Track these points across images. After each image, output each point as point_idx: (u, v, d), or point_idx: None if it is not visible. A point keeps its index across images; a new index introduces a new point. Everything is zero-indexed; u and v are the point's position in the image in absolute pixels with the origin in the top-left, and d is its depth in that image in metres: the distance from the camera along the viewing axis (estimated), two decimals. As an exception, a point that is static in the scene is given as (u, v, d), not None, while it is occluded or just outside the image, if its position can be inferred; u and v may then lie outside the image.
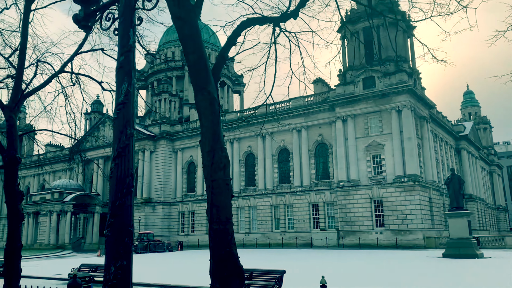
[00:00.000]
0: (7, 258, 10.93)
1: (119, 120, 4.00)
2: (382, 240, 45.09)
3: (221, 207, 7.11)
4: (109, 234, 3.84)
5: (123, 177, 3.93)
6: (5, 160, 11.17)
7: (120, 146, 3.90)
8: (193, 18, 7.39)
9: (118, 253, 3.71)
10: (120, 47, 4.10)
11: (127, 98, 4.00)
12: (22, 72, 11.89)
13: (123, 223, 3.85)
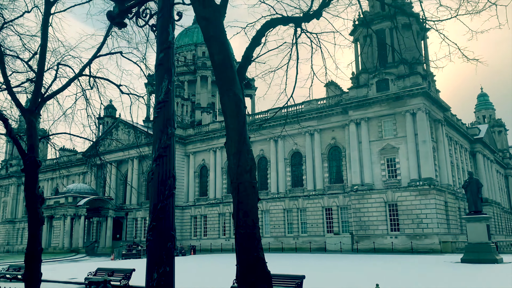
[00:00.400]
0: (27, 262, 10.89)
1: (159, 119, 3.85)
2: (397, 244, 44.45)
3: (248, 210, 6.94)
4: (151, 239, 3.68)
5: (164, 179, 3.77)
6: (26, 163, 11.15)
7: (161, 146, 3.75)
8: (218, 18, 7.26)
9: (161, 259, 3.55)
10: (159, 44, 3.96)
11: (167, 96, 3.86)
12: (42, 76, 11.89)
13: (165, 227, 3.69)
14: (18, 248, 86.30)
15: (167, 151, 3.77)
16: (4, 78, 11.41)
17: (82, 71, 13.10)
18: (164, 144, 3.74)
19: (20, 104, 11.51)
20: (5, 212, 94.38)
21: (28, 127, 11.30)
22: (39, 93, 11.73)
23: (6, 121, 11.24)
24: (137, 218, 66.56)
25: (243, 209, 6.98)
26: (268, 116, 59.82)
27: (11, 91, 11.47)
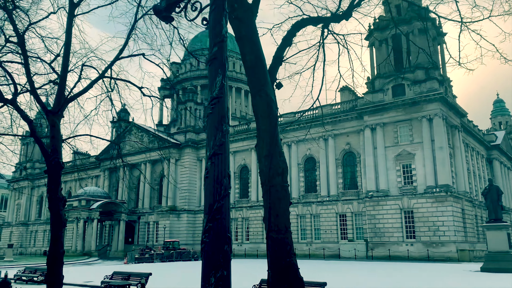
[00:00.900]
0: (50, 264, 10.79)
1: (213, 116, 3.66)
2: (413, 252, 43.72)
3: (280, 214, 6.73)
4: (207, 240, 3.47)
5: (220, 178, 3.57)
6: (49, 165, 11.08)
7: (216, 144, 3.55)
8: (250, 17, 7.09)
9: (218, 262, 3.34)
10: (212, 37, 3.79)
11: (221, 91, 3.68)
12: (65, 77, 11.85)
13: (221, 228, 3.49)
14: (31, 250, 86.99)
15: (222, 149, 3.58)
16: (28, 80, 11.38)
17: (105, 72, 13.05)
18: (219, 141, 3.55)
19: (44, 106, 11.47)
20: (18, 215, 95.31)
21: (51, 129, 11.24)
22: (62, 95, 11.67)
23: (31, 122, 11.20)
24: (149, 222, 66.63)
25: (275, 213, 6.77)
26: (282, 121, 59.55)
27: (35, 93, 11.44)
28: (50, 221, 11.20)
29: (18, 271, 25.90)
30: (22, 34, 11.53)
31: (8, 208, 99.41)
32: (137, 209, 69.31)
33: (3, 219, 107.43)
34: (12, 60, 13.75)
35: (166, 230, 61.51)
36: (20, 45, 11.51)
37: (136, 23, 13.72)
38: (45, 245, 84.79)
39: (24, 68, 11.53)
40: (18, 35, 11.51)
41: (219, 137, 3.56)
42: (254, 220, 59.01)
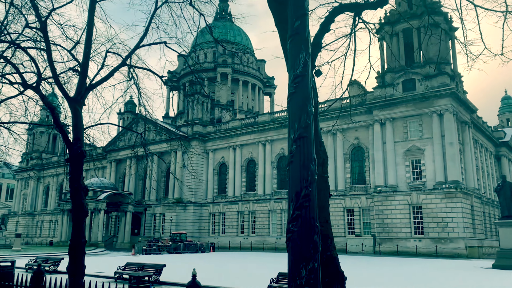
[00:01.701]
0: (72, 254, 10.63)
1: (297, 96, 3.43)
2: (421, 248, 43.53)
3: (321, 206, 6.51)
4: (295, 230, 3.25)
5: (306, 163, 3.34)
6: (72, 154, 10.89)
7: (301, 126, 3.33)
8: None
9: (308, 253, 3.12)
10: (293, 11, 3.55)
11: (305, 69, 3.44)
12: (87, 64, 11.63)
13: (310, 217, 3.27)
14: (37, 240, 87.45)
15: (308, 131, 3.35)
16: (50, 67, 11.18)
17: (126, 60, 12.81)
18: (305, 123, 3.32)
19: (66, 93, 11.27)
20: (24, 205, 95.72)
21: (74, 116, 11.05)
22: (84, 82, 11.47)
23: (54, 109, 11.01)
24: (156, 213, 66.68)
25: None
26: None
27: (57, 80, 11.25)
28: (72, 210, 11.05)
29: (29, 261, 25.89)
30: (44, 19, 11.31)
31: (14, 198, 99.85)
32: (144, 200, 69.39)
33: (9, 209, 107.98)
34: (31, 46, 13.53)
35: (172, 222, 61.56)
36: (42, 31, 11.29)
37: (156, 11, 13.49)
38: (51, 235, 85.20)
39: (46, 54, 11.31)
40: (40, 21, 11.29)
41: (304, 118, 3.32)
42: (261, 214, 58.92)
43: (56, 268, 23.70)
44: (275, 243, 55.39)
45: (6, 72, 12.57)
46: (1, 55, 11.55)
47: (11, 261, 17.71)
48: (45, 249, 52.92)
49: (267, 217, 58.30)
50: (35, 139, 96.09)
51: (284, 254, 14.88)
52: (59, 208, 75.15)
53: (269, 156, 60.23)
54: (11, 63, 11.38)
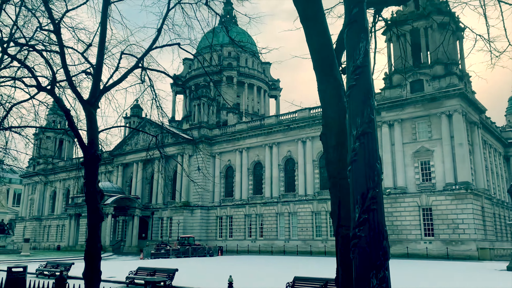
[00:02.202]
0: (87, 260, 10.46)
1: (358, 89, 3.21)
2: (432, 250, 43.08)
3: (350, 210, 6.27)
4: (362, 235, 3.03)
5: (372, 161, 3.12)
6: (87, 157, 10.74)
7: (364, 121, 3.11)
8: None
9: (378, 260, 2.90)
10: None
11: (366, 60, 3.23)
12: (101, 66, 11.49)
13: (378, 220, 3.05)
14: (44, 245, 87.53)
15: (372, 127, 3.14)
16: (64, 70, 11.05)
17: (139, 62, 12.68)
18: (368, 118, 3.10)
19: (81, 96, 11.13)
20: (32, 209, 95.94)
21: (88, 120, 10.90)
22: (98, 84, 11.32)
23: (68, 112, 10.85)
24: (163, 217, 66.54)
25: (345, 208, 6.30)
26: (296, 117, 59.05)
27: (71, 82, 11.10)
28: (87, 215, 10.89)
29: (40, 266, 25.76)
30: (58, 22, 11.17)
31: (22, 203, 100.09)
32: (151, 204, 69.28)
33: (16, 214, 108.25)
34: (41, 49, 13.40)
35: (180, 225, 61.35)
36: (56, 33, 11.16)
37: (169, 12, 13.35)
38: (58, 240, 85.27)
39: (60, 57, 11.17)
40: (54, 23, 11.16)
41: (368, 112, 3.11)
42: (268, 217, 58.62)
43: (67, 273, 23.50)
44: (283, 246, 55.09)
45: (19, 76, 12.44)
46: (15, 57, 11.40)
47: (23, 267, 17.53)
48: (53, 254, 52.88)
49: (274, 220, 57.99)
50: (42, 144, 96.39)
51: (291, 258, 14.83)
52: (66, 213, 75.22)
53: (275, 159, 59.99)
54: (26, 66, 11.26)
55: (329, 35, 6.63)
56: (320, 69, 6.58)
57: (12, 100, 13.96)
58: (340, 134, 6.52)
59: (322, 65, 6.55)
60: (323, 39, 6.53)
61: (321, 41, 6.53)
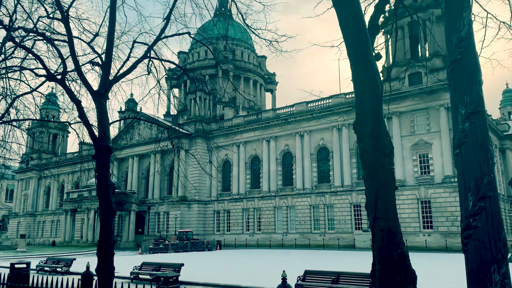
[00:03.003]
0: (100, 255, 10.15)
1: (464, 63, 2.93)
2: (431, 242, 43.23)
3: (388, 201, 6.03)
4: (477, 226, 2.77)
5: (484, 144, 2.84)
6: (98, 150, 10.39)
7: (474, 98, 2.84)
8: (350, -22, 6.36)
9: (499, 253, 2.64)
10: None
11: (470, 32, 2.95)
12: (111, 55, 11.10)
13: (495, 209, 2.78)
14: (39, 241, 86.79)
15: (482, 105, 2.86)
16: (73, 59, 10.64)
17: (148, 52, 12.28)
18: (477, 95, 2.83)
19: (90, 86, 10.75)
20: (26, 205, 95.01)
21: (99, 111, 10.53)
22: (108, 75, 10.94)
23: (79, 103, 10.49)
24: (160, 212, 66.16)
25: (382, 199, 6.06)
26: (294, 110, 58.80)
27: (80, 72, 10.71)
28: (99, 209, 10.56)
29: (40, 262, 25.37)
30: (66, 10, 10.75)
31: (15, 199, 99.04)
32: (147, 199, 68.86)
33: (9, 210, 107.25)
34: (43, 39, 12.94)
35: (177, 220, 61.04)
36: (63, 21, 10.74)
37: (177, 1, 12.97)
38: (53, 236, 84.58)
39: (69, 46, 10.77)
40: (62, 11, 10.74)
41: (476, 89, 2.83)
42: (266, 211, 58.48)
43: (68, 269, 23.18)
44: (281, 240, 55.03)
45: (24, 66, 12.01)
46: (22, 45, 10.96)
47: (26, 263, 17.19)
48: (50, 250, 52.38)
49: (272, 214, 57.87)
50: (35, 139, 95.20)
51: (290, 251, 14.43)
52: (62, 209, 74.59)
53: (273, 153, 59.77)
54: (34, 55, 10.84)
55: (363, 19, 6.35)
56: (355, 54, 6.30)
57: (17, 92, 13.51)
58: (376, 122, 6.26)
59: (357, 50, 6.27)
60: (357, 24, 6.25)
61: (356, 25, 6.25)
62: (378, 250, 6.01)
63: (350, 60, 6.40)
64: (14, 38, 10.65)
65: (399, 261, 5.82)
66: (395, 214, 6.18)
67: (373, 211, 6.14)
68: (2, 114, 13.92)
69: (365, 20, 6.45)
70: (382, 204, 6.02)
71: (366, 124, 6.26)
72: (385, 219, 6.02)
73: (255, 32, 10.74)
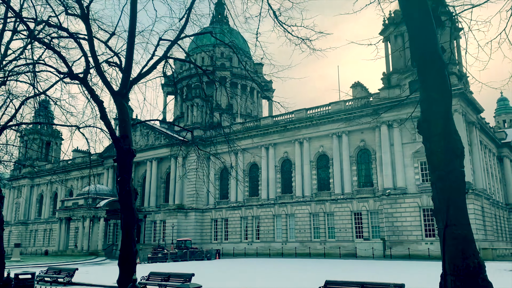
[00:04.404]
0: (122, 265, 9.50)
1: None
2: (434, 251, 42.72)
3: (460, 206, 5.54)
4: None
5: None
6: (120, 152, 9.78)
7: None
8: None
9: None
10: None
11: None
12: (132, 55, 10.55)
13: None
14: (31, 250, 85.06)
15: None
16: (93, 58, 10.08)
17: (167, 52, 11.78)
18: None
19: (111, 87, 10.18)
20: (17, 214, 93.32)
21: (120, 112, 9.96)
22: (129, 74, 10.38)
23: (101, 103, 9.90)
24: (156, 220, 65.14)
25: (454, 204, 5.56)
26: (293, 117, 58.43)
27: (100, 72, 10.14)
28: (121, 215, 9.92)
29: (40, 272, 24.45)
30: (87, 6, 10.20)
31: (7, 207, 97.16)
32: (143, 207, 67.77)
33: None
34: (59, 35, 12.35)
35: (174, 229, 60.06)
36: (83, 18, 10.17)
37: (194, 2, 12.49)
38: (45, 245, 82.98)
39: (88, 44, 10.20)
40: (81, 8, 10.18)
41: None
42: (265, 219, 57.78)
43: (71, 280, 22.35)
44: (281, 249, 54.28)
45: (43, 63, 11.38)
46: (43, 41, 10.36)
47: (31, 273, 16.46)
48: (44, 259, 51.11)
49: (271, 222, 57.18)
50: (28, 147, 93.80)
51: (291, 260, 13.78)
52: (55, 217, 73.21)
53: (272, 160, 59.24)
54: (57, 53, 10.23)
55: (430, 12, 5.88)
56: (423, 47, 5.86)
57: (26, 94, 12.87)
58: (446, 120, 5.77)
59: (424, 44, 5.82)
60: (424, 17, 5.80)
61: (422, 19, 5.80)
62: (450, 259, 5.49)
63: (413, 53, 5.92)
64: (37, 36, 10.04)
65: (476, 272, 5.32)
66: (468, 221, 5.69)
67: (445, 217, 5.63)
68: (10, 117, 13.23)
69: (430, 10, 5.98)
70: (455, 209, 5.52)
71: (436, 122, 5.76)
72: (458, 226, 5.52)
73: (287, 30, 10.28)
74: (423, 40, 5.76)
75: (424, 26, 5.78)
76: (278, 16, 10.18)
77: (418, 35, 5.82)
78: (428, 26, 5.76)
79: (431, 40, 5.71)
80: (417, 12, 5.81)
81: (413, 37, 5.88)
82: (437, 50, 5.76)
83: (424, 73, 5.83)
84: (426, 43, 5.76)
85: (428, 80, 5.74)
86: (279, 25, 10.06)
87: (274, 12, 10.21)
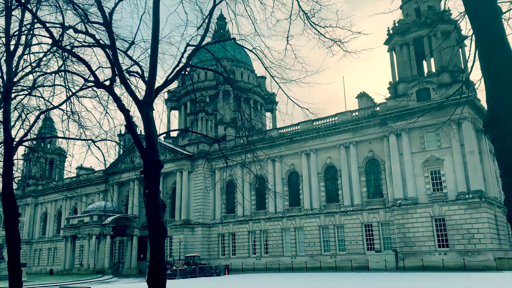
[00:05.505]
0: (151, 284, 8.98)
1: None
2: (448, 261, 41.94)
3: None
4: None
5: None
6: (147, 164, 9.35)
7: None
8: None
9: None
10: None
11: None
12: (155, 63, 10.19)
13: None
14: (35, 269, 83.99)
15: None
16: (117, 67, 9.72)
17: (189, 60, 11.44)
18: None
19: (136, 96, 9.80)
20: (21, 233, 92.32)
21: (146, 122, 9.56)
22: (153, 83, 10.01)
23: (128, 112, 9.51)
24: (162, 237, 64.27)
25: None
26: (299, 129, 58.09)
27: (125, 81, 9.77)
28: (148, 230, 9.47)
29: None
30: (110, 13, 9.88)
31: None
32: (149, 223, 67.01)
33: (3, 238, 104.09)
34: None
35: (181, 244, 59.22)
36: (106, 26, 9.85)
37: (215, 7, 12.19)
38: (50, 264, 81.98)
39: (111, 52, 9.85)
40: (104, 15, 9.87)
41: None
42: (273, 233, 56.97)
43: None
44: (290, 263, 53.40)
45: (73, 71, 11.04)
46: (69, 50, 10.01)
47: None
48: (51, 278, 50.27)
49: (280, 236, 56.36)
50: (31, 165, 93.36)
51: (308, 274, 13.20)
52: (60, 235, 72.42)
53: (279, 173, 58.70)
54: (83, 61, 9.87)
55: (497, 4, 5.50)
56: (487, 36, 5.42)
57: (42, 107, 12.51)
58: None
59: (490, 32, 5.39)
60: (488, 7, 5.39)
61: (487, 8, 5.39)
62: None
63: (480, 45, 5.51)
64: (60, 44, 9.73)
65: None
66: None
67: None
68: (26, 131, 12.84)
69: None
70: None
71: (507, 119, 5.32)
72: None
73: (320, 32, 9.93)
74: (490, 30, 5.36)
75: (491, 16, 5.39)
76: (310, 17, 9.84)
77: (483, 27, 5.43)
78: (494, 15, 5.38)
79: (499, 30, 5.31)
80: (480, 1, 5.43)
81: (478, 29, 5.49)
82: (505, 40, 5.35)
83: (491, 66, 5.41)
84: (493, 33, 5.36)
85: (498, 74, 5.32)
86: (310, 27, 9.72)
87: (306, 14, 9.87)
